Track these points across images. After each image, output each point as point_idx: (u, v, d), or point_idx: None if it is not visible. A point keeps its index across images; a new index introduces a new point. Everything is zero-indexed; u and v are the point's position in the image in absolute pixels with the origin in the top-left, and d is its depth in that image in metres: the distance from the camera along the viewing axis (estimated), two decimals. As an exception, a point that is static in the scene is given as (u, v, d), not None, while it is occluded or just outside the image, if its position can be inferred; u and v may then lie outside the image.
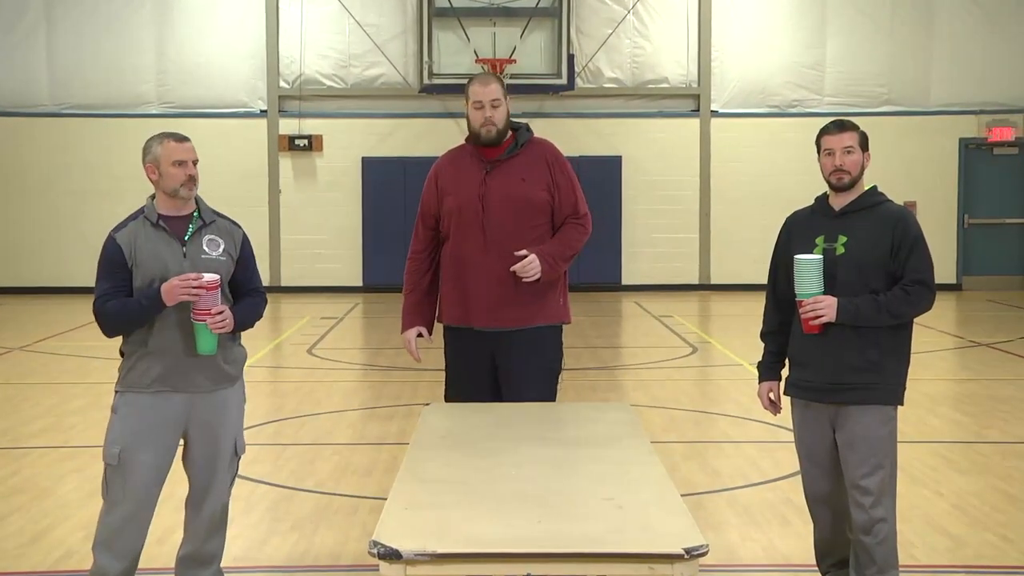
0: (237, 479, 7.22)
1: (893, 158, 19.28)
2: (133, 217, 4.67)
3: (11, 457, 7.99)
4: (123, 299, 4.55)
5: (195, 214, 4.69)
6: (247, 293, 4.83)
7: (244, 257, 4.81)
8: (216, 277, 4.52)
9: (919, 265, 4.60)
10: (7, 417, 9.39)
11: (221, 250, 4.69)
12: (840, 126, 4.73)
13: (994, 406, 9.73)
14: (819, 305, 4.57)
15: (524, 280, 5.27)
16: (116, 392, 4.69)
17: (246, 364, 4.92)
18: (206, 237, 4.67)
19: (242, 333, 4.84)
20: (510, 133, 5.45)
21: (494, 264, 5.33)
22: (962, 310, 17.76)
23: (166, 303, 4.48)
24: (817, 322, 4.60)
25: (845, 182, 4.68)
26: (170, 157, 4.59)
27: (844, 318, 4.57)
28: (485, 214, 5.36)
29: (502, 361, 5.39)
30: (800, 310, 4.64)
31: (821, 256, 4.63)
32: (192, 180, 4.62)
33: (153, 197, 4.70)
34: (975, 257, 20.60)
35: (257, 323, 4.91)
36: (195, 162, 4.65)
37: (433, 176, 5.58)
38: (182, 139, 4.66)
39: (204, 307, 4.48)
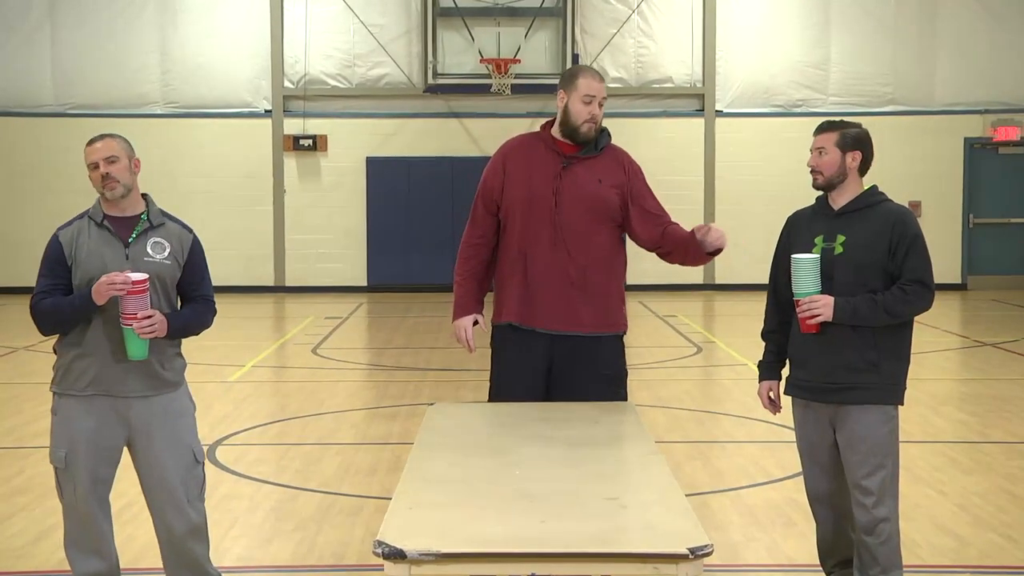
0: (241, 479, 7.26)
1: (898, 158, 19.25)
2: (80, 216, 4.61)
3: (15, 457, 8.00)
4: (58, 297, 4.48)
5: (143, 216, 4.60)
6: (193, 299, 4.67)
7: (192, 262, 4.65)
8: (144, 276, 4.38)
9: (917, 264, 4.59)
10: (11, 417, 9.41)
11: (167, 253, 4.57)
12: (820, 127, 4.75)
13: (999, 406, 9.72)
14: (815, 304, 4.57)
15: (716, 247, 4.99)
16: (54, 394, 4.62)
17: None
18: (151, 239, 4.56)
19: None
20: None
21: (564, 263, 5.08)
22: (967, 310, 17.75)
23: (96, 302, 4.38)
24: (814, 321, 4.59)
25: (818, 182, 4.71)
26: (87, 161, 4.52)
27: (841, 317, 4.56)
28: (557, 209, 5.08)
29: (561, 366, 5.14)
30: (797, 309, 4.63)
31: (818, 256, 4.62)
32: (108, 179, 4.49)
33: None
34: (980, 256, 20.58)
35: (204, 331, 4.71)
36: (110, 160, 4.49)
37: (500, 159, 5.26)
38: (94, 140, 4.56)
39: (131, 311, 4.36)
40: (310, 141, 20.14)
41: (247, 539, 6.06)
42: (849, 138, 4.69)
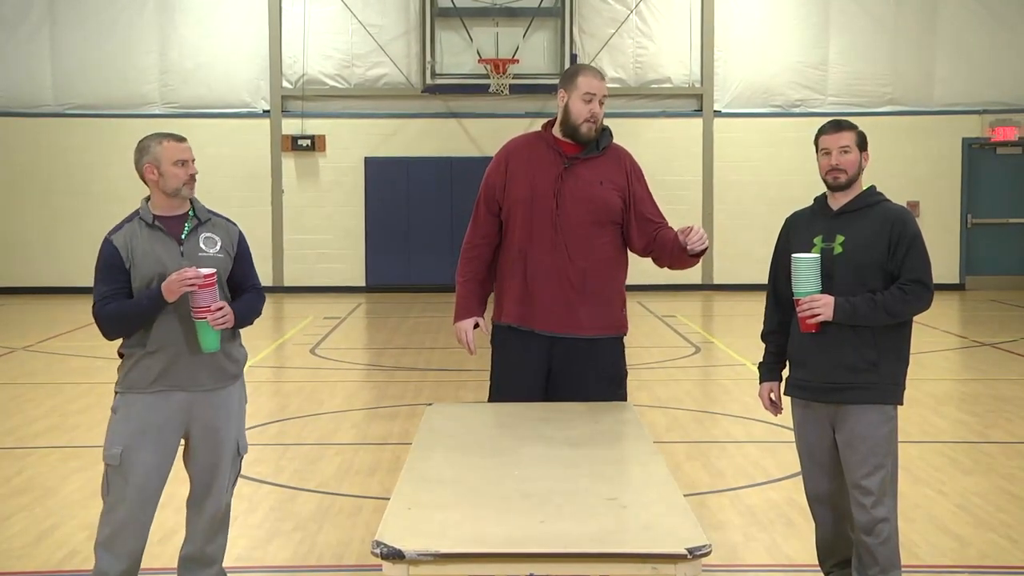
0: (240, 479, 7.25)
1: (896, 158, 19.29)
2: (128, 219, 4.65)
3: (15, 457, 7.99)
4: (123, 300, 4.53)
5: (190, 213, 4.67)
6: (245, 290, 4.79)
7: (241, 254, 4.77)
8: (213, 270, 4.49)
9: (916, 264, 4.59)
10: (11, 417, 9.40)
11: (219, 247, 4.66)
12: (837, 126, 4.74)
13: (998, 406, 9.72)
14: (816, 304, 4.57)
15: (698, 249, 4.90)
16: (116, 393, 4.67)
17: (249, 363, 4.91)
18: (203, 235, 4.65)
19: (241, 333, 4.82)
20: None
21: (564, 265, 5.06)
22: (965, 310, 17.76)
23: (167, 299, 4.45)
24: (813, 321, 4.59)
25: (841, 181, 4.69)
26: (172, 157, 4.57)
27: (841, 317, 4.56)
28: (558, 211, 5.05)
29: (561, 367, 5.13)
30: (797, 309, 4.63)
31: (818, 255, 4.62)
32: (193, 179, 4.62)
33: (148, 199, 4.68)
34: (978, 257, 20.59)
35: (256, 320, 4.87)
36: (193, 161, 4.64)
37: (503, 158, 5.22)
38: (181, 139, 4.65)
39: (203, 304, 4.45)
40: (309, 141, 20.14)
41: (246, 539, 6.06)
42: (863, 137, 4.75)
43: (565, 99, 5.10)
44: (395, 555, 3.15)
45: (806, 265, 4.58)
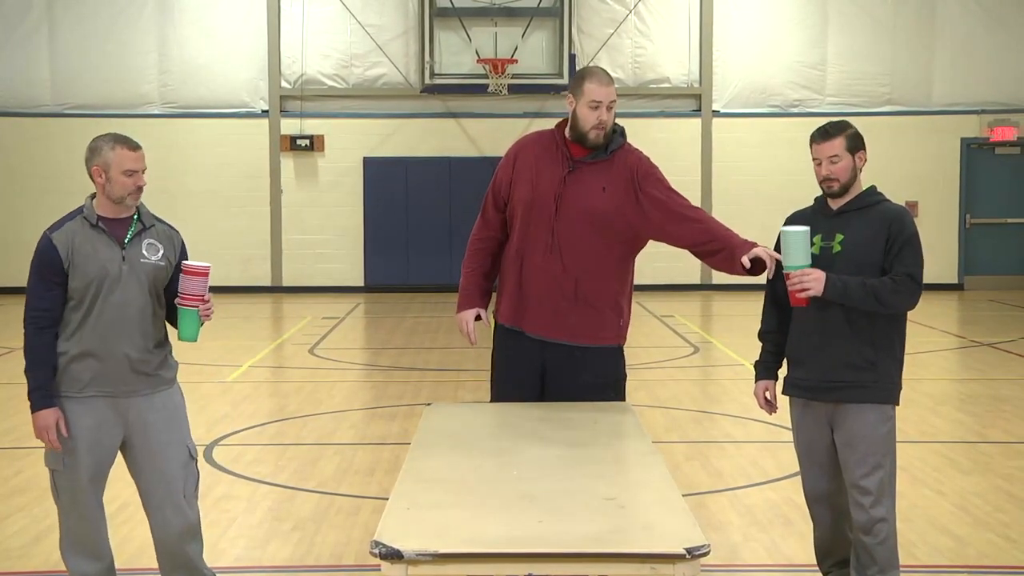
0: (239, 479, 7.26)
1: (895, 158, 19.28)
2: (70, 217, 4.57)
3: (14, 457, 8.00)
4: (43, 351, 4.55)
5: (135, 217, 4.58)
6: None
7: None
8: (208, 264, 4.45)
9: (909, 260, 4.58)
10: (10, 417, 9.40)
11: (160, 255, 4.57)
12: (824, 134, 4.67)
13: (996, 406, 9.73)
14: (807, 277, 4.52)
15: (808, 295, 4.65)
16: None
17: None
18: (145, 241, 4.56)
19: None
20: None
21: (557, 271, 4.98)
22: (964, 310, 17.77)
23: (35, 419, 4.49)
24: (804, 295, 4.54)
25: (835, 189, 4.67)
26: (122, 165, 4.47)
27: (831, 294, 4.52)
28: (557, 216, 4.98)
29: (553, 371, 5.08)
30: (787, 282, 4.57)
31: (808, 227, 4.58)
32: (139, 191, 4.52)
33: (92, 196, 4.59)
34: (977, 257, 20.60)
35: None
36: (144, 171, 4.53)
37: (512, 156, 5.17)
38: (135, 147, 4.54)
39: (196, 292, 4.42)
40: (307, 141, 20.14)
41: (245, 540, 6.06)
42: (854, 139, 4.68)
43: (573, 105, 5.05)
44: (394, 555, 3.15)
45: (796, 238, 4.53)
